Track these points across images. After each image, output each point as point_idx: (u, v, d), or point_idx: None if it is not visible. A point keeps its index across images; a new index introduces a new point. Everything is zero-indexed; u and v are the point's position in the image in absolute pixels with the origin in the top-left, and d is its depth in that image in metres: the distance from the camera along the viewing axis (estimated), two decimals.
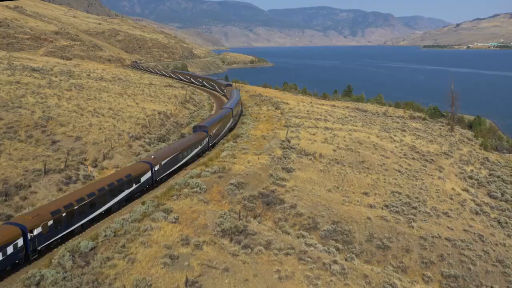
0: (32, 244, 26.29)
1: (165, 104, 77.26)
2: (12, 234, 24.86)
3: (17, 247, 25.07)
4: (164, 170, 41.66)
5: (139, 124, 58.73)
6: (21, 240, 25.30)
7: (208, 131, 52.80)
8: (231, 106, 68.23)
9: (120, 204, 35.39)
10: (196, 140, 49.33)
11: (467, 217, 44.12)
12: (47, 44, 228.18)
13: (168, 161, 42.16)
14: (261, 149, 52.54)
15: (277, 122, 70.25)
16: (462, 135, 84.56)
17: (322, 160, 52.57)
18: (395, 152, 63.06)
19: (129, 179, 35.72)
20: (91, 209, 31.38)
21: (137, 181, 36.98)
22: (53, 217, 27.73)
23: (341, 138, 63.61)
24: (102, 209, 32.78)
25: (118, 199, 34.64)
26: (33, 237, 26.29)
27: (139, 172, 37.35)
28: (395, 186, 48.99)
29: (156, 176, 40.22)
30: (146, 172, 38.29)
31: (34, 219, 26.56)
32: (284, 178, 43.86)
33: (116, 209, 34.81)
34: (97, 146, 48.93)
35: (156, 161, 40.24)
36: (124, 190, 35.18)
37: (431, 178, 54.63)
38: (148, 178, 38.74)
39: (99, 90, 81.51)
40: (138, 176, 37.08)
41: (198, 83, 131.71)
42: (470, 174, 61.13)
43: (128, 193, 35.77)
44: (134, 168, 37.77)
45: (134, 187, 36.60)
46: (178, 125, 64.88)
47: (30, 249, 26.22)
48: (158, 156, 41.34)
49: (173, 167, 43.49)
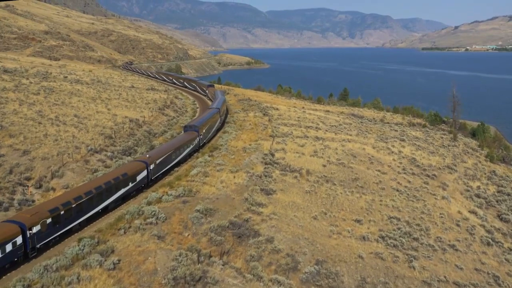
0: (31, 242, 26.36)
1: (141, 110, 70.39)
2: (11, 232, 24.94)
3: (16, 245, 25.15)
4: (159, 169, 41.81)
5: (104, 135, 51.85)
6: (20, 238, 25.36)
7: (199, 130, 52.79)
8: (217, 106, 67.71)
9: (117, 203, 35.40)
10: (188, 140, 49.26)
11: (478, 249, 37.39)
12: (34, 44, 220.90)
13: (162, 160, 42.30)
14: (239, 165, 45.71)
15: (263, 131, 63.44)
16: (466, 145, 77.92)
17: (310, 177, 45.78)
18: (393, 166, 56.36)
19: (125, 177, 35.82)
20: (88, 207, 31.47)
21: (133, 180, 37.13)
22: (52, 215, 27.86)
23: (333, 151, 56.86)
24: (99, 207, 32.86)
25: (115, 198, 34.75)
26: (32, 235, 26.34)
27: (135, 171, 37.46)
28: (392, 210, 42.25)
29: (152, 175, 40.27)
30: (142, 171, 38.46)
31: (33, 217, 26.69)
32: (262, 203, 37.00)
33: (112, 207, 34.89)
34: (47, 161, 42.03)
35: (151, 160, 40.30)
36: (121, 188, 35.30)
37: (434, 198, 47.92)
38: (144, 177, 38.83)
39: (70, 94, 74.61)
40: (134, 175, 37.16)
41: (179, 84, 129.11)
42: (477, 192, 54.49)
43: (124, 191, 35.89)
44: (130, 167, 37.84)
45: (130, 186, 36.71)
46: (151, 135, 57.97)
47: (29, 247, 26.29)
48: (152, 155, 41.36)
49: (166, 167, 43.54)
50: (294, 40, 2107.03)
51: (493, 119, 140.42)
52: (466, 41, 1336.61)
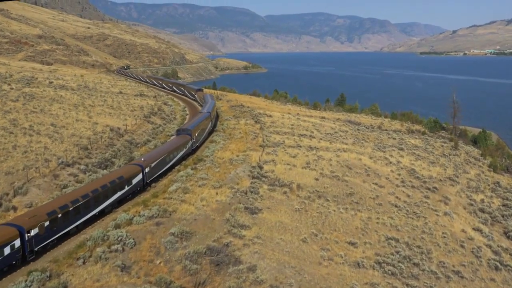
0: (30, 245, 26.07)
1: (126, 117, 66.67)
2: (9, 235, 24.64)
3: (15, 248, 24.89)
4: (154, 173, 41.52)
5: (79, 145, 48.08)
6: (18, 241, 25.08)
7: (192, 134, 52.33)
8: (208, 110, 67.46)
9: (113, 206, 35.00)
10: (181, 143, 48.79)
11: (485, 276, 33.68)
12: (27, 48, 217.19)
13: (157, 163, 42.06)
14: (223, 180, 41.97)
15: (253, 140, 59.76)
16: (467, 153, 74.28)
17: (300, 193, 42.08)
18: (391, 178, 52.69)
19: (122, 181, 35.46)
20: (85, 210, 31.13)
21: (129, 183, 36.81)
22: (49, 218, 27.58)
23: (327, 162, 53.18)
24: (95, 210, 32.49)
25: (111, 201, 34.37)
26: (31, 238, 26.05)
27: (131, 174, 37.11)
28: (390, 229, 38.55)
29: (147, 178, 39.99)
30: (138, 174, 38.13)
31: (31, 220, 26.42)
32: (245, 224, 33.24)
33: (109, 211, 34.46)
34: (11, 176, 38.23)
35: (147, 164, 39.98)
36: (117, 192, 34.94)
37: (436, 214, 44.25)
38: (140, 180, 38.57)
39: (52, 100, 70.89)
40: (130, 178, 36.81)
41: (168, 88, 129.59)
42: (481, 206, 50.85)
43: (120, 194, 35.55)
44: (126, 170, 37.43)
45: (127, 189, 36.40)
46: (132, 145, 54.22)
47: (28, 249, 26.00)
48: (147, 159, 41.13)
49: (161, 170, 43.19)
50: (293, 44, 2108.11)
51: (494, 125, 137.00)
52: (464, 45, 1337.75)
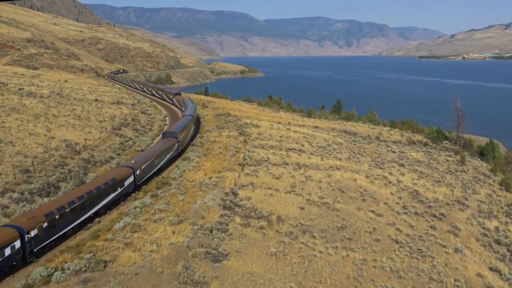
0: (29, 246, 25.90)
1: (90, 130, 59.06)
2: (9, 236, 24.51)
3: (15, 249, 24.72)
4: (144, 175, 41.78)
5: (20, 167, 40.42)
6: (18, 242, 24.92)
7: (178, 136, 52.27)
8: (191, 113, 68.13)
9: (107, 208, 34.83)
10: (168, 146, 48.90)
11: None
12: (13, 52, 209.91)
13: (147, 166, 42.28)
14: (186, 211, 34.34)
15: (232, 157, 52.15)
16: (475, 169, 66.73)
17: (281, 227, 34.48)
18: (391, 203, 45.12)
19: (114, 182, 35.65)
20: (81, 211, 31.14)
21: (122, 185, 36.89)
22: (48, 219, 27.51)
23: (316, 184, 45.61)
24: (90, 212, 32.42)
25: (105, 203, 34.36)
26: (30, 239, 25.86)
27: (123, 176, 37.25)
28: (391, 276, 30.95)
29: (138, 180, 40.14)
30: (129, 176, 38.37)
31: (30, 221, 26.29)
32: (202, 280, 25.54)
33: (103, 212, 34.35)
34: None
35: (137, 166, 40.26)
36: (110, 193, 35.07)
37: (445, 251, 36.70)
38: (131, 182, 38.75)
39: (11, 110, 63.31)
40: (122, 180, 36.96)
41: (148, 92, 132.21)
42: (497, 237, 43.34)
43: (114, 196, 35.60)
44: (118, 173, 37.53)
45: (119, 191, 36.55)
46: (90, 164, 46.52)
47: (28, 251, 25.82)
48: (138, 161, 41.34)
49: (150, 172, 43.42)
50: (291, 48, 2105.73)
51: (498, 133, 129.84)
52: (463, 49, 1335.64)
